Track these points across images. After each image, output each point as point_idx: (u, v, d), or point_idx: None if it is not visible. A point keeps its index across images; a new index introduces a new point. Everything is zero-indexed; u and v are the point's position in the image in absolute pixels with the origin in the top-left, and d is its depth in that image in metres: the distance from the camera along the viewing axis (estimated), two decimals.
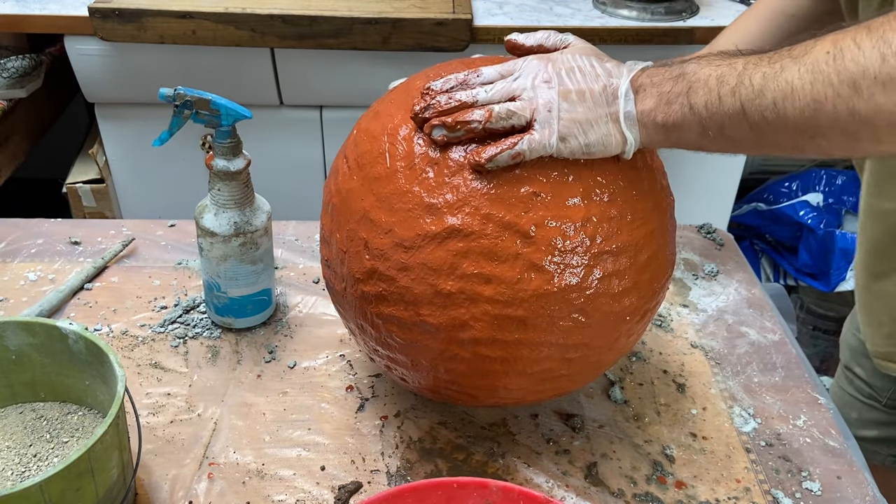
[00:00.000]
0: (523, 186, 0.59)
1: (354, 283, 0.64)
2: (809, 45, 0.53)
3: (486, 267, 0.58)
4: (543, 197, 0.59)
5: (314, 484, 0.67)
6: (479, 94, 0.60)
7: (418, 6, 1.47)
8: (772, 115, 0.54)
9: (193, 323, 0.84)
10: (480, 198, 0.58)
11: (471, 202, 0.58)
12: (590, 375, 0.67)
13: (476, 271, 0.58)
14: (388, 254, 0.61)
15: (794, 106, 0.52)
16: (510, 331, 0.60)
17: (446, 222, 0.58)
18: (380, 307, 0.63)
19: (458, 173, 0.59)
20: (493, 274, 0.58)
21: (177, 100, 0.72)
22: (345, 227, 0.64)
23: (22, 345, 0.66)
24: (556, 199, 0.59)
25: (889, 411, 0.95)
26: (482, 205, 0.58)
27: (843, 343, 1.03)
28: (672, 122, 0.58)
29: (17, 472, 0.63)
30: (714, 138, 0.57)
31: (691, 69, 0.58)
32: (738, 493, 0.68)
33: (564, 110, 0.58)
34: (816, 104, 0.52)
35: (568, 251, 0.59)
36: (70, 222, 1.00)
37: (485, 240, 0.58)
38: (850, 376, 0.99)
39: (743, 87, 0.54)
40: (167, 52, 1.47)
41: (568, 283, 0.59)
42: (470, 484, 0.56)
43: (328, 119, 1.60)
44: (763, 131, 0.55)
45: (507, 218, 0.58)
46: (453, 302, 0.59)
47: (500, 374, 0.63)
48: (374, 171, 0.62)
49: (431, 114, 0.60)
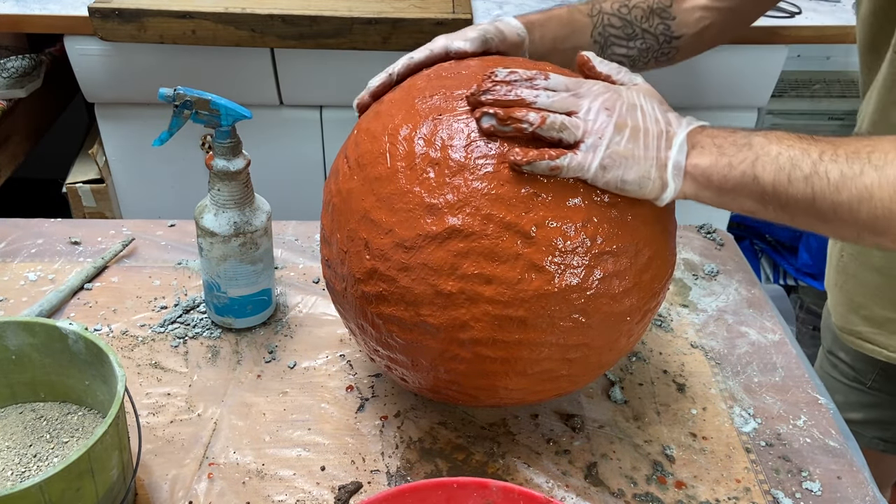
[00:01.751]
0: (524, 187, 0.59)
1: (355, 284, 0.64)
2: (890, 152, 0.56)
3: (487, 267, 0.58)
4: (544, 197, 0.59)
5: (314, 484, 0.67)
6: (540, 97, 0.60)
7: (418, 6, 1.47)
8: (844, 211, 0.57)
9: (193, 323, 0.84)
10: (481, 198, 0.58)
11: (471, 202, 0.58)
12: (590, 375, 0.67)
13: (476, 272, 0.58)
14: (388, 254, 0.61)
15: (869, 210, 0.56)
16: (510, 331, 0.60)
17: (447, 222, 0.58)
18: (380, 307, 0.63)
19: (459, 174, 0.59)
20: (494, 274, 0.58)
21: (176, 100, 0.72)
22: (345, 227, 0.64)
23: (22, 345, 0.66)
24: (557, 200, 0.59)
25: (874, 393, 0.97)
26: (483, 205, 0.58)
27: (825, 327, 1.04)
28: (730, 187, 0.60)
29: (17, 472, 0.63)
30: (771, 212, 0.60)
31: (758, 142, 0.60)
32: (738, 494, 0.68)
33: (615, 142, 0.59)
34: (893, 215, 0.55)
35: (568, 251, 0.59)
36: (70, 222, 1.00)
37: (485, 240, 0.58)
38: (834, 360, 1.01)
39: (818, 177, 0.57)
40: (167, 52, 1.47)
41: (569, 284, 0.59)
42: (470, 484, 0.56)
43: (328, 119, 1.61)
44: (828, 220, 0.58)
45: (507, 218, 0.58)
46: (453, 302, 0.59)
47: (501, 375, 0.63)
48: (374, 171, 0.62)
49: (488, 100, 0.60)
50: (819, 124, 2.01)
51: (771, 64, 1.59)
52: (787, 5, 1.61)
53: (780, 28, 1.53)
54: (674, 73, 1.62)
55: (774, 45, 1.55)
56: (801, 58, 1.85)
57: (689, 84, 1.62)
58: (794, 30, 1.53)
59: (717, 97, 1.64)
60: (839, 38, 1.57)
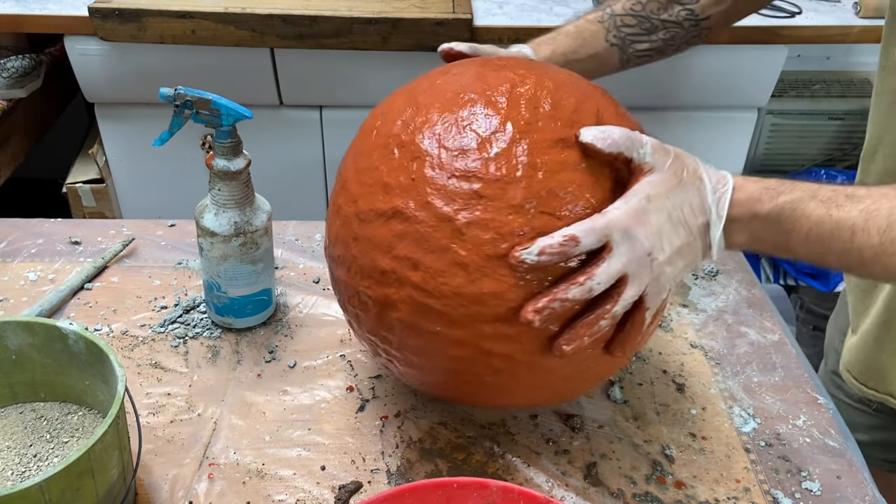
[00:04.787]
0: (472, 184, 0.58)
1: (329, 246, 0.68)
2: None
3: (417, 253, 0.59)
4: (486, 200, 0.58)
5: (314, 484, 0.67)
6: (593, 287, 0.57)
7: (418, 6, 1.47)
8: (881, 275, 0.60)
9: (193, 323, 0.84)
10: (427, 186, 0.59)
11: (418, 188, 0.59)
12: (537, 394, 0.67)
13: (407, 255, 0.59)
14: (349, 222, 0.64)
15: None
16: (431, 321, 0.60)
17: (392, 203, 0.60)
18: (338, 270, 0.67)
19: (417, 159, 0.60)
20: (422, 261, 0.59)
21: (177, 100, 0.72)
22: (333, 193, 0.69)
23: (22, 345, 0.66)
24: (499, 204, 0.58)
25: (879, 416, 0.94)
26: (427, 193, 0.59)
27: (829, 347, 1.02)
28: (760, 250, 0.64)
29: (17, 472, 0.63)
30: (798, 258, 0.63)
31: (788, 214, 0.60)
32: (738, 494, 0.68)
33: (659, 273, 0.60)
34: None
35: (494, 257, 0.58)
36: (70, 222, 1.00)
37: (420, 226, 0.59)
38: (839, 381, 0.98)
39: (851, 255, 0.59)
40: (167, 52, 1.47)
41: (491, 291, 0.58)
42: (470, 484, 0.56)
43: (328, 119, 1.61)
44: (856, 272, 0.63)
45: (444, 210, 0.58)
46: (387, 280, 0.61)
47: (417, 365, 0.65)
48: (361, 144, 0.66)
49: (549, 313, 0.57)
50: (819, 124, 2.01)
51: (771, 64, 1.60)
52: (787, 5, 1.61)
53: (780, 28, 1.53)
54: (674, 73, 1.63)
55: (774, 45, 1.56)
56: (801, 58, 1.85)
57: (690, 84, 1.62)
58: (794, 30, 1.54)
59: (717, 97, 1.65)
60: (839, 38, 1.57)
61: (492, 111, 0.60)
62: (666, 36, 0.86)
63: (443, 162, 0.59)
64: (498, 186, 0.58)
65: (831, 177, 1.94)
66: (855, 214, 0.58)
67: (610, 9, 0.86)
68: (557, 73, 0.65)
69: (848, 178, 1.93)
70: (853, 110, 1.98)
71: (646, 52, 0.86)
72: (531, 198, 0.58)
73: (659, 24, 0.86)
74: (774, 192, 0.60)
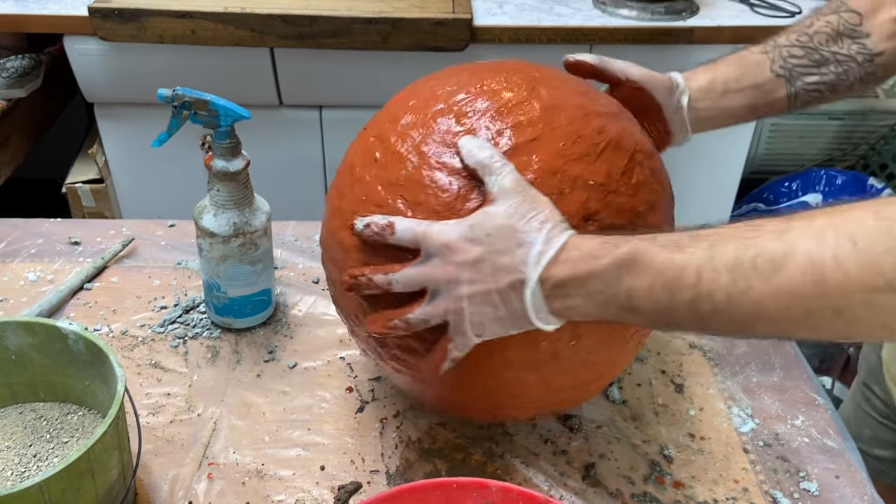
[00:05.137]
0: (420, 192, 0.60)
1: (322, 252, 0.70)
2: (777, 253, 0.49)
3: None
4: (431, 205, 0.59)
5: (314, 484, 0.67)
6: (392, 282, 0.58)
7: (418, 6, 1.47)
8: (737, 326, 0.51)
9: (193, 323, 0.84)
10: (388, 186, 0.61)
11: (382, 186, 0.61)
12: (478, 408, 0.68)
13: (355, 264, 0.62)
14: (329, 215, 0.67)
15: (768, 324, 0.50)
16: None
17: (357, 195, 0.63)
18: (323, 257, 0.69)
19: (391, 156, 0.62)
20: (370, 261, 0.61)
21: (175, 100, 0.72)
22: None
23: (22, 345, 0.66)
24: (443, 209, 0.59)
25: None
26: (386, 191, 0.61)
27: (863, 358, 1.00)
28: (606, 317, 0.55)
29: (17, 472, 0.63)
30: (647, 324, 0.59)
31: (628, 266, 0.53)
32: (737, 494, 0.68)
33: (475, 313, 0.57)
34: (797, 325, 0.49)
35: None
36: (70, 222, 1.00)
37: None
38: (868, 394, 0.97)
39: (701, 303, 0.51)
40: (167, 52, 1.47)
41: None
42: (469, 484, 0.56)
43: (328, 119, 1.61)
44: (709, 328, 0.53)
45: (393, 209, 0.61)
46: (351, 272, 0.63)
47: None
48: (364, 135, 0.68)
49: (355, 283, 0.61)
50: (819, 124, 2.01)
51: None
52: (787, 5, 1.61)
53: (781, 28, 1.53)
54: None
55: None
56: None
57: None
58: None
59: None
60: None
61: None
62: (838, 70, 0.79)
63: (412, 163, 0.61)
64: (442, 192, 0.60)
65: (831, 177, 1.94)
66: (699, 255, 0.50)
67: (773, 41, 0.81)
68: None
69: (848, 179, 1.93)
70: (853, 110, 1.98)
71: (815, 85, 0.79)
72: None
73: (829, 56, 0.79)
74: (612, 245, 0.53)
